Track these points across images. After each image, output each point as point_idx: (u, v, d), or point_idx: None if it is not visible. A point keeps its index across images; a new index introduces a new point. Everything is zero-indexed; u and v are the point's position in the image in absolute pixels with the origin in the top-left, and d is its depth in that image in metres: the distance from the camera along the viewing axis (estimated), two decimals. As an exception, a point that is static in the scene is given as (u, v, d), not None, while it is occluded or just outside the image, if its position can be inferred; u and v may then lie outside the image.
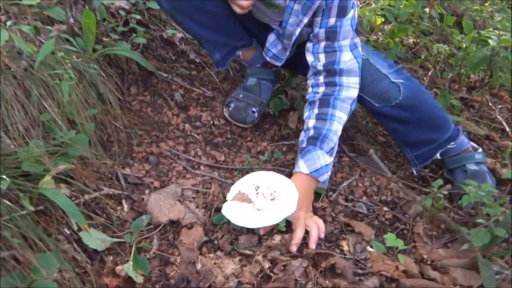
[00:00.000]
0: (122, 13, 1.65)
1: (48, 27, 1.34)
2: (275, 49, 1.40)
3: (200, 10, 1.33)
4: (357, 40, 1.27)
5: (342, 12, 1.20)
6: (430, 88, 2.00)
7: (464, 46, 2.07)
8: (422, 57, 2.15)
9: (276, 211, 1.05)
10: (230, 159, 1.37)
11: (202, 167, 1.31)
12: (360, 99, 1.31)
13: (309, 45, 1.27)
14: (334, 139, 1.20)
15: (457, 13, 2.62)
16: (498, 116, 1.88)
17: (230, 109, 1.48)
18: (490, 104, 2.07)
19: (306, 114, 1.27)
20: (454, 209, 1.32)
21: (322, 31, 1.22)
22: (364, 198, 1.33)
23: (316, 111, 1.23)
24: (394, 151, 1.59)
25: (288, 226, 1.11)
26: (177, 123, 1.45)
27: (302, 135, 1.24)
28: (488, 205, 1.15)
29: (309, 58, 1.27)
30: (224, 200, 1.12)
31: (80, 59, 1.34)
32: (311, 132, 1.21)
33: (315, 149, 1.18)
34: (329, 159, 1.19)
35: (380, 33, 2.28)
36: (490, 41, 2.01)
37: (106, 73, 1.45)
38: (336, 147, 1.23)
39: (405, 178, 1.46)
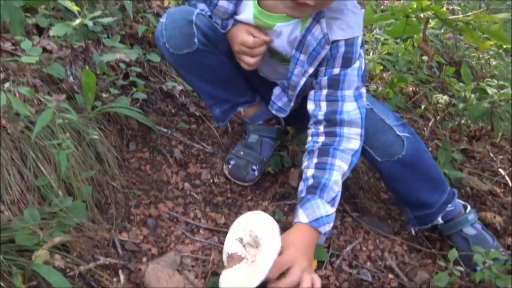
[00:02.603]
0: (123, 66, 1.64)
1: (48, 92, 1.32)
2: (280, 101, 1.37)
3: (204, 65, 1.32)
4: (363, 90, 1.23)
5: (346, 63, 1.18)
6: (431, 140, 1.99)
7: (463, 95, 2.08)
8: (422, 107, 2.15)
9: (263, 258, 0.98)
10: (230, 221, 1.32)
11: (201, 231, 1.28)
12: (362, 150, 1.25)
13: (311, 92, 1.24)
14: (335, 189, 1.14)
15: (454, 60, 2.64)
16: (500, 170, 1.86)
17: (230, 166, 1.45)
18: (492, 155, 2.06)
19: (304, 164, 1.22)
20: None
21: (325, 78, 1.19)
22: (369, 263, 1.29)
23: (315, 160, 1.19)
24: (397, 208, 1.56)
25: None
26: (176, 181, 1.42)
27: (301, 185, 1.19)
28: (498, 276, 1.12)
29: (310, 106, 1.24)
30: (223, 267, 1.07)
31: (78, 119, 1.32)
32: (310, 182, 1.16)
33: (314, 198, 1.12)
34: (330, 210, 1.12)
35: (379, 81, 2.29)
36: (489, 90, 2.02)
37: (105, 130, 1.44)
38: (338, 198, 1.16)
39: (409, 239, 1.43)
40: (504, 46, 2.95)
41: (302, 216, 1.10)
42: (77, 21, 1.40)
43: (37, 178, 1.16)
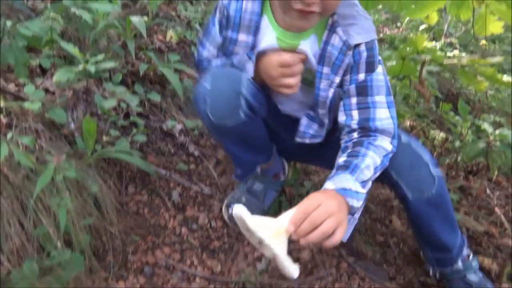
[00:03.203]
0: (123, 105, 1.67)
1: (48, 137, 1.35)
2: (311, 129, 1.32)
3: (243, 135, 1.27)
4: (393, 99, 1.20)
5: (370, 67, 1.16)
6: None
7: (460, 130, 2.10)
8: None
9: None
10: (226, 269, 1.34)
11: (197, 279, 1.29)
12: (394, 185, 1.23)
13: (341, 103, 1.21)
14: (366, 173, 1.08)
15: (452, 92, 2.67)
16: (496, 209, 1.87)
17: (230, 212, 1.46)
18: (488, 191, 2.07)
19: (337, 160, 1.17)
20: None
21: (353, 87, 1.17)
22: (363, 313, 1.30)
23: (348, 151, 1.16)
24: (392, 252, 1.57)
25: None
26: (173, 226, 1.43)
27: (332, 173, 1.11)
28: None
29: (342, 117, 1.20)
30: None
31: (78, 165, 1.34)
32: (341, 164, 1.11)
33: (344, 173, 1.07)
34: (360, 189, 1.04)
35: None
36: (485, 127, 2.04)
37: (104, 173, 1.46)
38: (369, 184, 1.10)
39: (404, 284, 1.44)
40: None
41: (328, 185, 1.04)
42: (80, 67, 1.43)
43: (36, 228, 1.18)
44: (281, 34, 1.18)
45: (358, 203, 1.04)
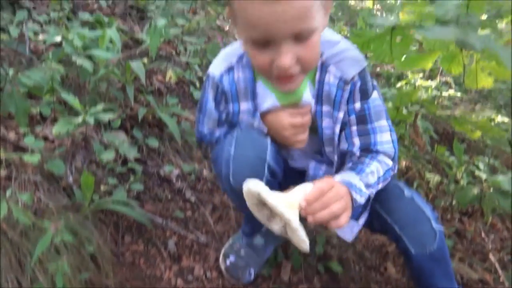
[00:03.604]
0: (122, 151, 1.69)
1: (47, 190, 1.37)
2: (320, 171, 1.32)
3: None
4: (390, 123, 1.22)
5: (365, 95, 1.17)
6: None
7: (454, 171, 2.13)
8: (415, 186, 2.19)
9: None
10: (221, 324, 1.35)
11: (192, 336, 1.30)
12: (398, 239, 1.24)
13: (342, 133, 1.22)
14: (370, 178, 1.11)
15: (447, 130, 2.70)
16: (491, 257, 1.88)
17: (228, 263, 1.47)
18: (483, 234, 2.09)
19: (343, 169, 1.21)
20: None
21: (353, 117, 1.18)
22: None
23: (353, 162, 1.18)
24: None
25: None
26: (169, 277, 1.44)
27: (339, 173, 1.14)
28: None
29: (343, 145, 1.22)
30: None
31: (76, 217, 1.36)
32: (348, 167, 1.15)
33: (350, 172, 1.10)
34: (364, 188, 1.08)
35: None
36: (480, 170, 2.06)
37: (101, 223, 1.48)
38: (374, 188, 1.13)
39: (398, 338, 1.45)
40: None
41: (336, 177, 1.07)
42: (80, 119, 1.46)
43: (33, 285, 1.19)
44: (279, 94, 1.19)
45: (361, 199, 1.07)
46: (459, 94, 2.64)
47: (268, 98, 1.21)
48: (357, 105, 1.17)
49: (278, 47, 0.96)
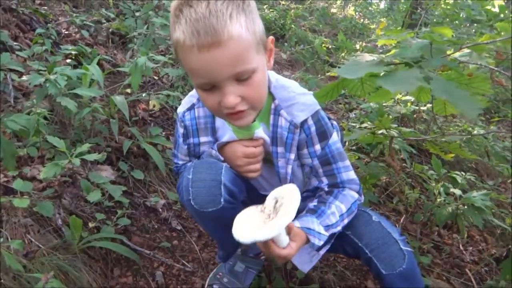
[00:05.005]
0: (108, 186, 1.76)
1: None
2: None
3: (224, 219, 1.26)
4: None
5: (323, 137, 1.25)
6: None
7: (432, 186, 2.21)
8: (394, 202, 2.27)
9: (278, 219, 0.99)
10: None
11: None
12: (369, 260, 1.31)
13: (309, 172, 1.32)
14: (331, 219, 1.20)
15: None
16: (467, 271, 1.97)
17: (212, 293, 1.55)
18: (461, 247, 2.18)
19: (309, 204, 1.29)
20: None
21: (316, 161, 1.27)
22: None
23: (319, 198, 1.28)
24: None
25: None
26: (157, 309, 1.51)
27: (302, 214, 1.24)
28: None
29: (313, 181, 1.32)
30: None
31: (65, 254, 1.42)
32: (310, 207, 1.24)
33: (311, 216, 1.19)
34: (324, 231, 1.16)
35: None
36: (455, 187, 2.15)
37: (89, 258, 1.54)
38: (333, 229, 1.22)
39: None
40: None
41: (296, 223, 1.14)
42: (66, 161, 1.52)
43: (25, 327, 1.26)
44: (236, 129, 1.28)
45: (319, 243, 1.15)
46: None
47: (226, 132, 1.30)
48: (317, 147, 1.26)
49: (222, 89, 1.04)
